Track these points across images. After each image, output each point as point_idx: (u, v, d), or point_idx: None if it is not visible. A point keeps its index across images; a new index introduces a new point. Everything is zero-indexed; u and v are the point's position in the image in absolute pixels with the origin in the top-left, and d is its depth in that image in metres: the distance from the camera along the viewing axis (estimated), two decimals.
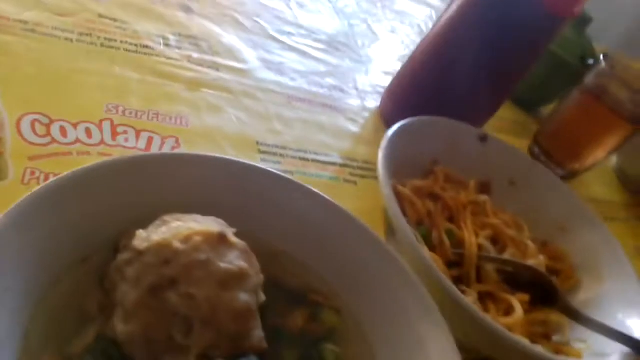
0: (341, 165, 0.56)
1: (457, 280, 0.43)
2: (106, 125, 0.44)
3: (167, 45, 0.56)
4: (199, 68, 0.56)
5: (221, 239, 0.28)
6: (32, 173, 0.38)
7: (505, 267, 0.45)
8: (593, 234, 0.52)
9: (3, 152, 0.38)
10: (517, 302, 0.43)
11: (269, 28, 0.69)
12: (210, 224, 0.29)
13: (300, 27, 0.74)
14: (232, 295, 0.27)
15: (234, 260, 0.28)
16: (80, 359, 0.26)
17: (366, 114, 0.66)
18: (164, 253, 0.27)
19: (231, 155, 0.48)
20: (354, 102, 0.66)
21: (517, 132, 0.82)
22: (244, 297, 0.27)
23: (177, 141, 0.46)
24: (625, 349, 0.41)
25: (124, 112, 0.46)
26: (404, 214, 0.44)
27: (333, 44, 0.75)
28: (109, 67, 0.50)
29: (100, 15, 0.54)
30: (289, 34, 0.71)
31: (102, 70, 0.49)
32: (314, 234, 0.35)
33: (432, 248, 0.44)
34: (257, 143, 0.52)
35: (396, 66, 0.67)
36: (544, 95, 0.86)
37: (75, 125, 0.42)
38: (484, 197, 0.50)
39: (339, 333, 0.33)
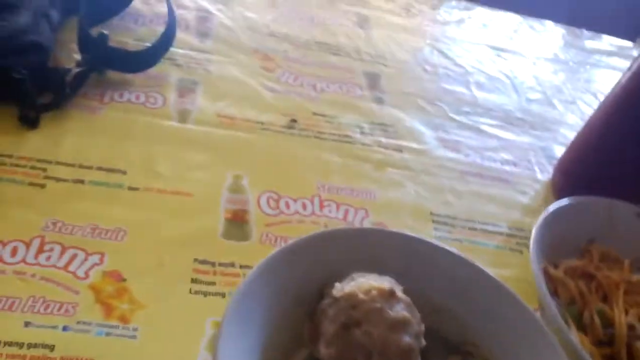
0: (508, 235, 0.63)
1: (609, 359, 0.46)
2: (316, 200, 0.59)
3: (362, 133, 0.71)
4: (386, 151, 0.69)
5: (391, 293, 0.38)
6: (267, 236, 0.54)
7: None
8: None
9: (248, 221, 0.55)
10: None
11: (447, 110, 0.80)
12: (384, 282, 0.40)
13: (477, 105, 0.83)
14: (398, 336, 0.37)
15: (400, 310, 0.37)
16: None
17: (537, 186, 0.72)
18: (352, 300, 0.37)
19: (408, 224, 0.60)
20: (526, 174, 0.73)
21: None
22: (407, 339, 0.37)
23: (366, 212, 0.60)
24: None
25: (329, 189, 0.61)
26: (556, 294, 0.49)
27: (508, 119, 0.83)
28: (319, 154, 0.65)
29: (314, 113, 0.71)
30: (467, 113, 0.81)
31: (314, 156, 0.65)
32: (467, 295, 0.44)
33: (583, 328, 0.47)
34: (431, 213, 0.63)
35: (572, 137, 0.72)
36: None
37: (295, 200, 0.58)
38: (638, 277, 0.52)
39: None
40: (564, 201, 0.55)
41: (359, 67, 0.83)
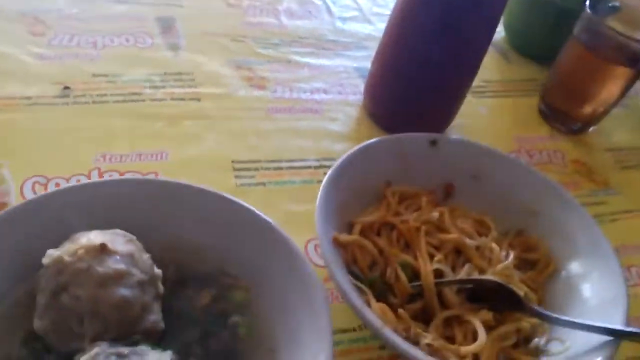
0: (316, 167, 0.61)
1: (422, 312, 0.45)
2: (94, 174, 0.53)
3: (153, 87, 0.65)
4: (181, 102, 0.64)
5: (102, 249, 0.36)
6: None
7: (465, 285, 0.46)
8: (566, 211, 0.52)
9: None
10: (480, 325, 0.43)
11: (254, 45, 0.75)
12: (98, 237, 0.37)
13: (287, 35, 0.79)
14: (110, 291, 0.36)
15: (112, 264, 0.36)
16: (18, 351, 0.36)
17: (349, 110, 0.70)
18: (58, 265, 0.36)
19: (208, 177, 0.55)
20: (337, 100, 0.71)
21: (526, 91, 0.81)
22: (122, 291, 0.36)
23: (155, 175, 0.55)
24: (605, 337, 0.42)
25: (110, 158, 0.55)
26: (355, 260, 0.46)
27: (320, 45, 0.79)
28: (99, 120, 0.59)
29: (94, 75, 0.64)
30: (275, 45, 0.77)
31: (92, 125, 0.58)
32: (220, 227, 0.43)
33: (389, 287, 0.45)
34: (232, 161, 0.59)
35: None
36: (551, 47, 0.84)
37: (67, 179, 0.52)
38: (435, 214, 0.50)
39: (248, 310, 0.41)
40: (349, 152, 0.50)
41: (151, 13, 0.75)
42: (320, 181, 0.58)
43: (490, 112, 0.76)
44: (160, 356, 0.35)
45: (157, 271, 0.39)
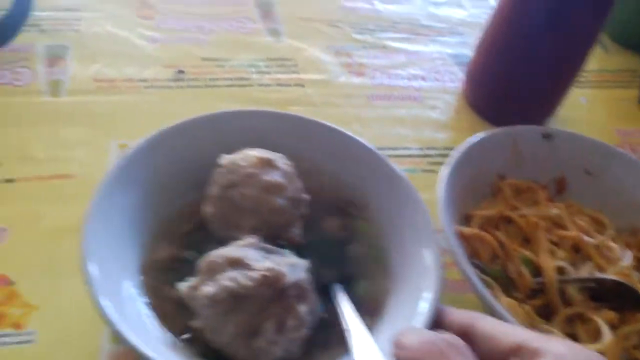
0: (419, 156, 0.62)
1: (545, 308, 0.44)
2: None
3: (259, 72, 0.66)
4: (287, 88, 0.65)
5: (269, 162, 0.42)
6: None
7: (587, 284, 0.45)
8: None
9: None
10: (604, 325, 0.42)
11: (350, 31, 0.76)
12: (268, 153, 0.43)
13: (382, 20, 0.79)
14: (270, 197, 0.41)
15: (275, 176, 0.42)
16: (186, 236, 0.43)
17: (448, 98, 0.69)
18: (232, 166, 0.42)
19: None
20: (435, 87, 0.71)
21: (625, 82, 0.79)
22: (279, 200, 0.41)
23: None
24: None
25: None
26: (477, 254, 0.47)
27: (414, 30, 0.79)
28: (213, 104, 0.61)
29: (204, 59, 0.66)
30: (371, 31, 0.77)
31: (207, 107, 0.60)
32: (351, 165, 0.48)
33: (512, 282, 0.45)
34: None
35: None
36: None
37: None
38: (555, 210, 0.49)
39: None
40: (465, 145, 0.50)
41: None
42: (425, 170, 0.60)
43: (590, 103, 0.74)
44: (299, 261, 0.38)
45: (305, 196, 0.44)
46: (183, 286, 0.38)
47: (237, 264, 0.37)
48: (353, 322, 0.37)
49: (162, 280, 0.40)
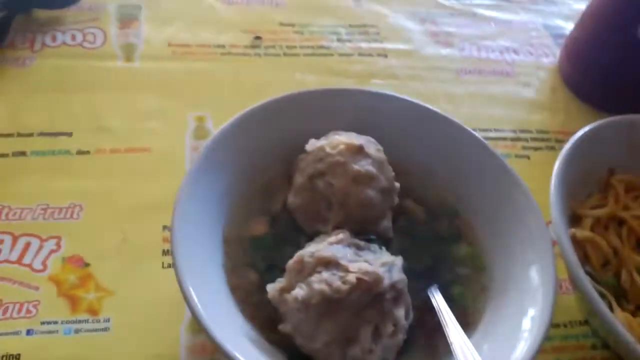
0: (513, 139, 0.56)
1: None
2: None
3: (339, 40, 0.61)
4: (369, 58, 0.60)
5: (359, 149, 0.38)
6: None
7: None
8: None
9: None
10: None
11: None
12: (359, 139, 0.39)
13: None
14: (360, 189, 0.38)
15: (366, 166, 0.38)
16: (277, 215, 0.41)
17: (543, 74, 0.64)
18: (319, 154, 0.39)
19: None
20: (529, 61, 0.64)
21: None
22: (370, 192, 0.38)
23: None
24: None
25: None
26: (586, 258, 0.43)
27: None
28: (291, 74, 0.57)
29: (281, 24, 0.61)
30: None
31: (286, 79, 0.56)
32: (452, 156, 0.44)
33: (624, 291, 0.42)
34: None
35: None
36: None
37: None
38: None
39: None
40: (576, 137, 0.45)
41: None
42: (519, 155, 0.55)
43: None
44: (394, 260, 0.35)
45: (396, 184, 0.40)
46: (271, 288, 0.35)
47: (329, 264, 0.34)
48: (454, 329, 0.35)
49: (245, 263, 0.38)
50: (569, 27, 0.65)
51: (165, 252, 0.43)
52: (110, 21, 0.58)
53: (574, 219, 0.45)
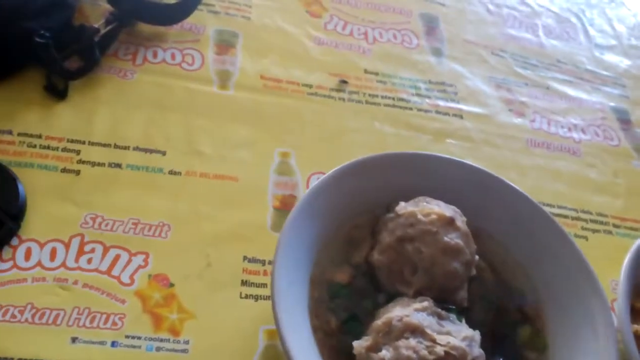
0: (573, 218, 0.58)
1: None
2: None
3: (419, 95, 0.64)
4: (445, 117, 0.62)
5: (450, 222, 0.40)
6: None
7: None
8: None
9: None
10: None
11: (512, 63, 0.72)
12: (448, 210, 0.41)
13: (545, 56, 0.75)
14: (447, 260, 0.39)
15: (455, 238, 0.40)
16: (358, 266, 0.42)
17: (606, 157, 0.65)
18: (411, 219, 0.40)
19: None
20: (595, 142, 0.66)
21: None
22: (455, 265, 0.40)
23: None
24: None
25: None
26: None
27: (578, 73, 0.74)
28: (371, 123, 0.59)
29: (366, 71, 0.64)
30: (534, 66, 0.73)
31: (366, 127, 0.58)
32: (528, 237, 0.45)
33: None
34: None
35: None
36: None
37: None
38: None
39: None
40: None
41: (415, 7, 0.73)
42: (578, 236, 0.57)
43: None
44: (473, 335, 0.37)
45: (476, 257, 0.42)
46: (357, 345, 0.37)
47: (415, 331, 0.36)
48: None
49: (327, 307, 0.40)
50: (634, 111, 0.68)
51: (243, 283, 0.45)
52: (208, 45, 0.60)
53: (633, 312, 0.47)
